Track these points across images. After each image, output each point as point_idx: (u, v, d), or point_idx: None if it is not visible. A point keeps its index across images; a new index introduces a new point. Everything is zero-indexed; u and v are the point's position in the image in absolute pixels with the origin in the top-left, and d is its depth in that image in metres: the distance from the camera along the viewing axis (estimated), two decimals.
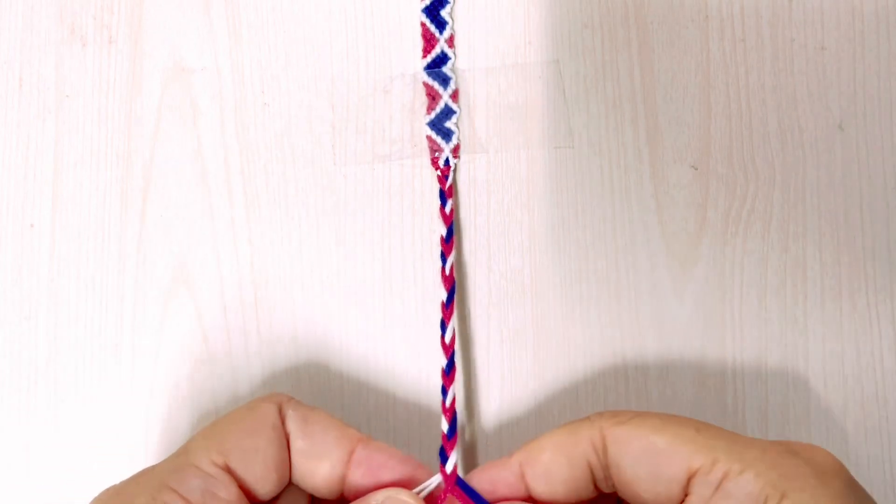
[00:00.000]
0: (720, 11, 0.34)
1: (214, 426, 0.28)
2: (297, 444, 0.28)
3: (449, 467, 0.29)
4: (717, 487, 0.25)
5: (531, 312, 0.33)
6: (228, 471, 0.26)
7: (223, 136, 0.34)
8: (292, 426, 0.28)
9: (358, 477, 0.28)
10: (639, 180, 0.33)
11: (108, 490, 0.27)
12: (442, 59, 0.34)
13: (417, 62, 0.34)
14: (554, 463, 0.27)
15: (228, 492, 0.26)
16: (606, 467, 0.27)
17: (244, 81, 0.34)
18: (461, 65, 0.34)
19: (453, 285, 0.32)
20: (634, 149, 0.34)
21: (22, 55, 0.35)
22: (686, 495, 0.25)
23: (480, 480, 0.28)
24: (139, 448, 0.33)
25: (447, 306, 0.32)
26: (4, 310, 0.34)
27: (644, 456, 0.26)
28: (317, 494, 0.29)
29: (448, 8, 0.34)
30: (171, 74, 0.34)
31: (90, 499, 0.26)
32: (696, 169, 0.34)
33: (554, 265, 0.33)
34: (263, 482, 0.27)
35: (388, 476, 0.28)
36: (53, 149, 0.34)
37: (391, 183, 0.34)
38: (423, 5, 0.34)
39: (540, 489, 0.27)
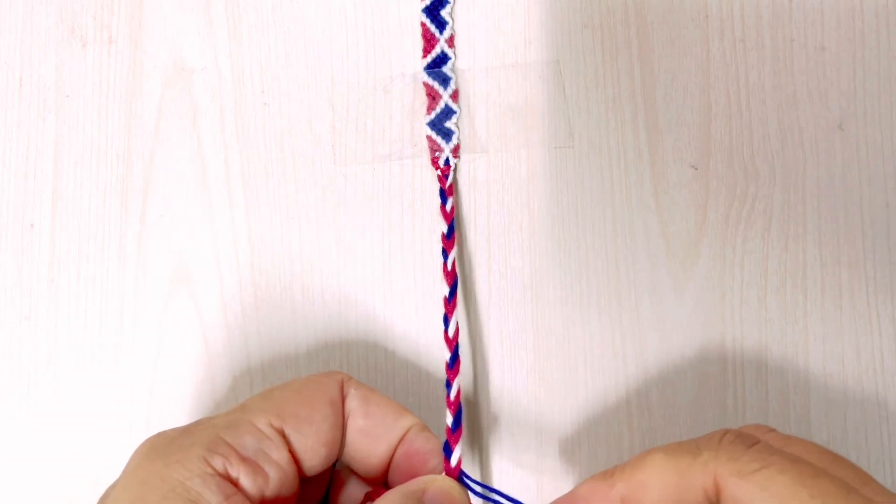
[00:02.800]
0: (720, 11, 0.34)
1: (273, 391, 0.28)
2: (357, 422, 0.28)
3: (454, 461, 0.29)
4: None
5: (531, 312, 0.33)
6: (283, 436, 0.26)
7: (223, 136, 0.34)
8: (353, 404, 0.28)
9: (402, 461, 0.28)
10: (639, 180, 0.33)
11: (159, 436, 0.26)
12: (442, 59, 0.34)
13: (417, 62, 0.34)
14: None
15: (280, 455, 0.26)
16: None
17: (244, 81, 0.34)
18: (461, 65, 0.34)
19: (455, 280, 0.32)
20: (634, 149, 0.34)
21: (22, 55, 0.35)
22: None
23: (576, 499, 0.26)
24: None
25: (450, 301, 0.32)
26: (4, 310, 0.34)
27: None
28: (365, 474, 0.29)
29: (448, 8, 0.34)
30: (171, 74, 0.34)
31: (92, 499, 0.26)
32: (696, 169, 0.34)
33: (554, 265, 0.33)
34: (312, 455, 0.27)
35: (432, 464, 0.28)
36: (53, 149, 0.34)
37: (391, 183, 0.34)
38: (423, 5, 0.34)
39: None
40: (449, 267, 0.32)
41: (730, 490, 0.22)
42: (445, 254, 0.32)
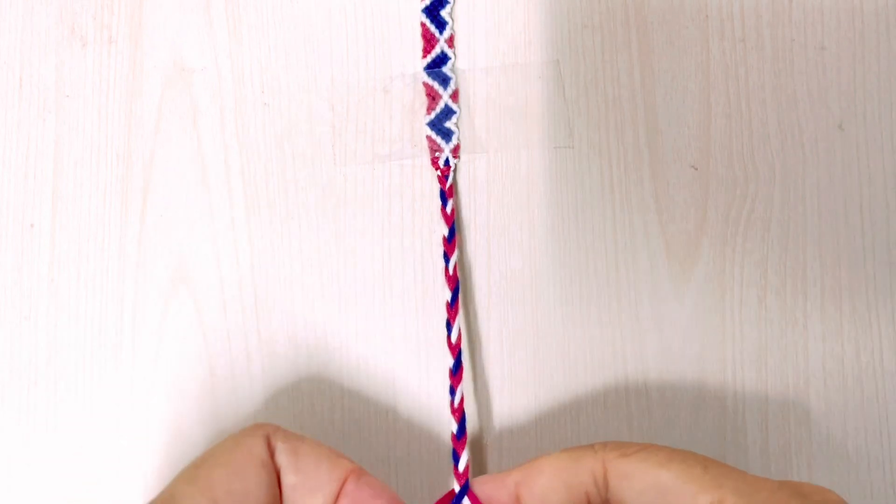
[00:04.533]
0: (720, 11, 0.34)
1: (198, 469, 0.26)
2: (288, 479, 0.26)
3: (461, 466, 0.29)
4: None
5: (531, 312, 0.33)
6: None
7: (223, 136, 0.34)
8: (283, 460, 0.27)
9: None
10: (639, 180, 0.33)
11: None
12: (442, 59, 0.34)
13: (417, 62, 0.34)
14: (551, 488, 0.27)
15: None
16: (606, 501, 0.26)
17: (244, 81, 0.34)
18: (461, 65, 0.34)
19: (457, 285, 0.32)
20: (634, 149, 0.34)
21: (22, 55, 0.35)
22: None
23: (477, 494, 0.28)
24: (139, 448, 0.33)
25: (452, 306, 0.32)
26: (4, 310, 0.34)
27: (649, 492, 0.25)
28: None
29: (448, 8, 0.34)
30: (171, 74, 0.34)
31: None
32: (696, 169, 0.34)
33: (554, 265, 0.33)
34: None
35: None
36: (53, 149, 0.34)
37: (391, 183, 0.34)
38: (423, 5, 0.34)
39: None
40: (451, 271, 0.32)
41: (615, 468, 0.26)
42: (447, 257, 0.32)
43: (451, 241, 0.33)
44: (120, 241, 0.34)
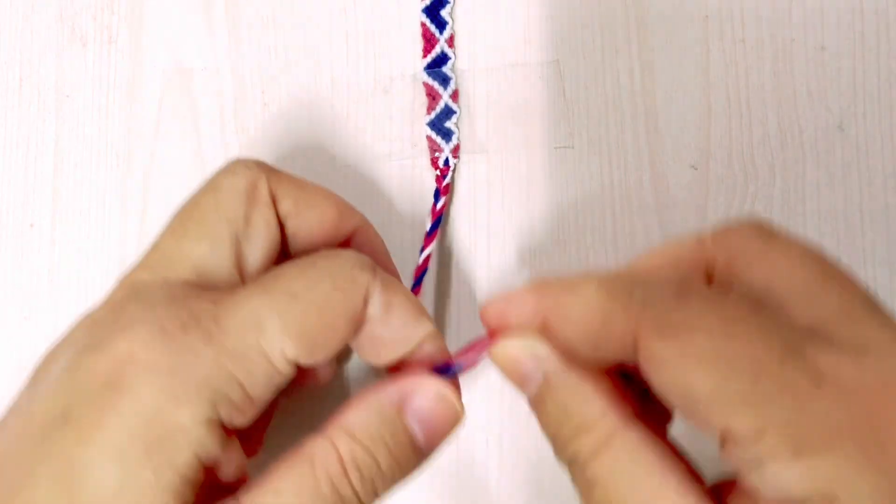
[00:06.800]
0: (720, 11, 0.34)
1: (286, 297, 0.23)
2: (374, 329, 0.24)
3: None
4: (756, 464, 0.18)
5: None
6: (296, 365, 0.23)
7: (223, 136, 0.34)
8: (374, 311, 0.24)
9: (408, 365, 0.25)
10: (639, 180, 0.33)
11: (85, 320, 0.24)
12: (442, 59, 0.34)
13: (417, 62, 0.34)
14: (578, 340, 0.22)
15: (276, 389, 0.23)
16: (635, 368, 0.21)
17: (244, 81, 0.34)
18: (461, 65, 0.34)
19: (424, 273, 0.32)
20: (634, 149, 0.34)
21: (22, 55, 0.35)
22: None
23: (503, 299, 0.24)
24: None
25: (412, 290, 0.32)
26: (4, 310, 0.34)
27: (676, 395, 0.20)
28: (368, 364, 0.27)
29: (448, 8, 0.34)
30: (171, 74, 0.34)
31: None
32: (696, 169, 0.33)
33: (554, 265, 0.33)
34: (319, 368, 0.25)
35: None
36: (53, 149, 0.34)
37: (391, 183, 0.34)
38: (423, 5, 0.34)
39: (560, 340, 0.23)
40: (420, 261, 0.32)
41: (647, 349, 0.20)
42: (422, 250, 0.32)
43: (431, 235, 0.32)
44: (120, 241, 0.34)
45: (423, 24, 0.34)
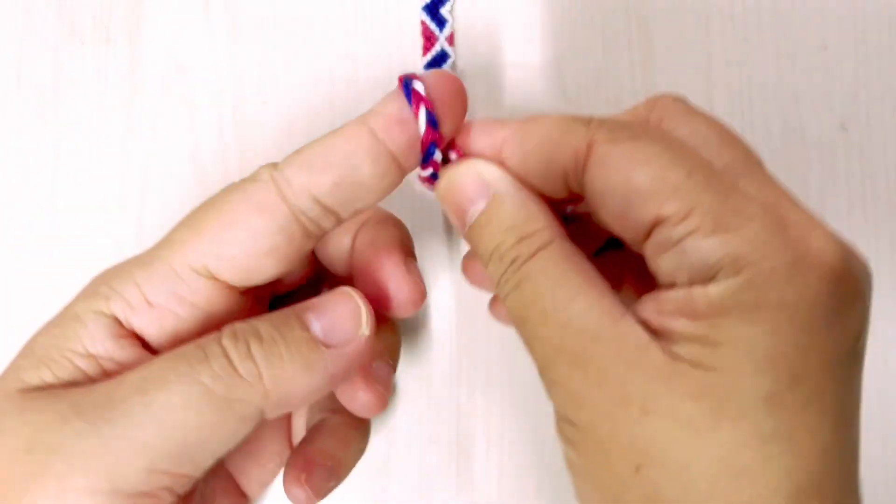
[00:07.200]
0: (720, 11, 0.34)
1: (198, 215, 0.25)
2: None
3: None
4: (677, 242, 0.21)
5: None
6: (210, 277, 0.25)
7: (222, 135, 0.34)
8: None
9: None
10: None
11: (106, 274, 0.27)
12: (442, 57, 0.34)
13: (417, 60, 0.34)
14: (534, 157, 0.24)
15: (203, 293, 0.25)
16: (581, 182, 0.23)
17: (244, 81, 0.34)
18: (461, 64, 0.34)
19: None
20: None
21: (21, 54, 0.35)
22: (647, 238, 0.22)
23: (467, 134, 0.26)
24: None
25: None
26: (4, 310, 0.34)
27: (617, 191, 0.22)
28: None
29: (448, 6, 0.34)
30: (170, 73, 0.34)
31: None
32: None
33: None
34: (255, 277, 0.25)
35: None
36: (53, 148, 0.34)
37: None
38: (422, 3, 0.34)
39: (512, 165, 0.25)
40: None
41: (597, 152, 0.23)
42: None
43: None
44: (120, 241, 0.34)
45: (422, 22, 0.34)
